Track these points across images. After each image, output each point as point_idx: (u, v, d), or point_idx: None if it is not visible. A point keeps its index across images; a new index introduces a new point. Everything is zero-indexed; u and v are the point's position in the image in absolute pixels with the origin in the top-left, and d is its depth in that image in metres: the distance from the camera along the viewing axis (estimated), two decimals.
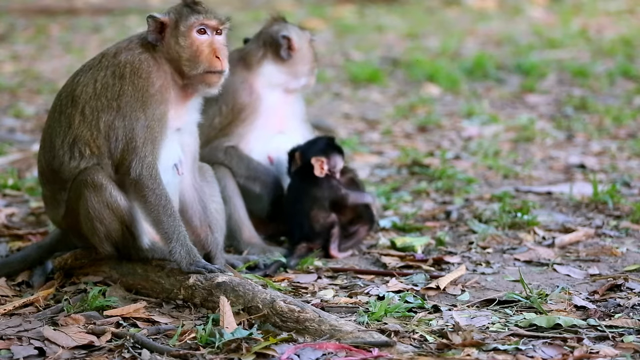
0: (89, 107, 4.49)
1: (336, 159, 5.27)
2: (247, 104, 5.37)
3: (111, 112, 4.46)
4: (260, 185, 5.38)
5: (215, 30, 4.56)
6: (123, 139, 4.43)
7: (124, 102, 4.45)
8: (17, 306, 4.39)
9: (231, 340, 3.86)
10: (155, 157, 4.44)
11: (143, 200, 4.43)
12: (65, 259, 4.79)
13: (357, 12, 16.99)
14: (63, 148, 4.53)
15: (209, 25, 4.54)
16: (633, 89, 10.14)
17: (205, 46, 4.52)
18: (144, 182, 4.40)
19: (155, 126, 4.43)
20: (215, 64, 4.52)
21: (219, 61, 4.52)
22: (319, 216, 5.18)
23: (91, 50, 12.52)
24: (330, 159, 5.25)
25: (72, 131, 4.51)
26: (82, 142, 4.49)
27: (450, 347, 3.85)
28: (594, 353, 3.78)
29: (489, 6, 17.27)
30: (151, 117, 4.43)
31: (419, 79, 10.86)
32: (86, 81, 4.53)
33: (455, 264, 5.02)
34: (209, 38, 4.55)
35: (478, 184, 6.65)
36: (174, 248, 4.41)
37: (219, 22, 4.57)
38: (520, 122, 8.71)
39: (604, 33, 14.08)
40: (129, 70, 4.47)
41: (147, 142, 4.42)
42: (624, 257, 5.10)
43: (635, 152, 7.56)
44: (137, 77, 4.46)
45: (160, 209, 4.41)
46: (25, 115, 9.14)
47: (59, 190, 4.61)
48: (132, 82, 4.46)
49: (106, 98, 4.48)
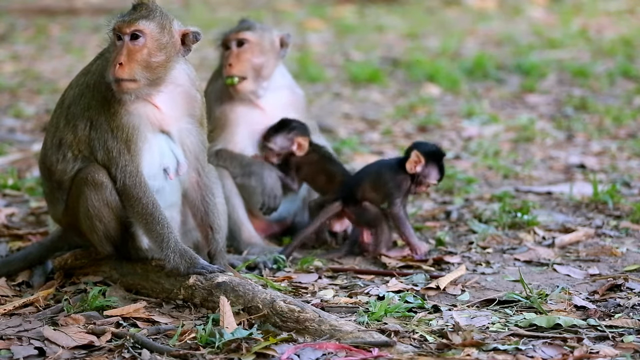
0: (70, 113, 4.52)
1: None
2: (222, 112, 5.37)
3: (84, 121, 4.45)
4: (255, 179, 5.37)
5: (127, 35, 4.32)
6: (100, 149, 4.40)
7: (92, 114, 4.42)
8: (17, 306, 4.39)
9: (231, 340, 3.86)
10: (137, 165, 4.39)
11: (131, 209, 4.42)
12: (65, 258, 4.79)
13: (357, 12, 16.99)
14: (52, 148, 4.56)
15: (120, 29, 4.32)
16: (633, 89, 10.13)
17: (114, 52, 4.32)
18: (129, 191, 4.38)
19: (125, 136, 4.35)
20: (111, 72, 4.28)
21: (112, 68, 4.28)
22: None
23: (91, 50, 12.50)
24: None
25: (59, 132, 4.54)
26: (66, 144, 4.50)
27: (450, 347, 3.85)
28: (594, 353, 3.78)
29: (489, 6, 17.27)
30: (118, 128, 4.36)
31: (419, 79, 10.86)
32: (74, 83, 4.56)
33: (455, 264, 5.02)
34: (122, 43, 4.32)
35: (478, 184, 6.65)
36: (167, 256, 4.38)
37: (124, 24, 4.29)
38: (520, 122, 8.71)
39: (604, 33, 14.08)
40: (94, 81, 4.45)
41: (123, 151, 4.36)
42: (624, 257, 5.10)
43: (635, 152, 7.55)
44: (97, 89, 4.42)
45: (148, 217, 4.38)
46: (25, 115, 9.14)
47: (56, 188, 4.62)
48: (93, 94, 4.42)
49: (80, 107, 4.48)
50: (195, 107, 4.60)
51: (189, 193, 4.68)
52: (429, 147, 5.26)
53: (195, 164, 4.65)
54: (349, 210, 5.18)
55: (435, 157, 5.18)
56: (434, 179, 5.19)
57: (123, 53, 4.28)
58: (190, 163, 4.63)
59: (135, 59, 4.30)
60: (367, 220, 5.15)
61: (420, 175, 5.15)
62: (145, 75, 4.33)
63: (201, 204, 4.69)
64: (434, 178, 5.18)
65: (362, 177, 5.22)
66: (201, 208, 4.69)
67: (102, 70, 4.44)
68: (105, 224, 4.48)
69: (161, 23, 4.37)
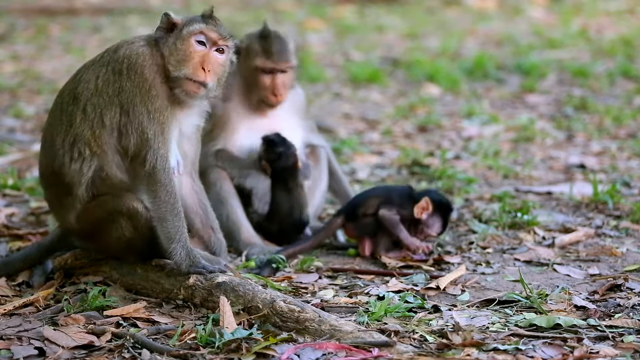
0: (90, 105, 4.48)
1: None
2: (224, 111, 5.37)
3: (114, 108, 4.44)
4: (250, 182, 5.38)
5: (216, 46, 4.49)
6: (134, 132, 4.41)
7: (124, 98, 4.43)
8: (17, 306, 4.38)
9: (231, 340, 3.86)
10: (167, 149, 4.43)
11: (153, 195, 4.41)
12: (65, 258, 4.79)
13: (357, 12, 16.99)
14: (64, 148, 4.51)
15: (209, 36, 4.48)
16: (633, 89, 10.14)
17: (196, 55, 4.46)
18: (157, 175, 4.38)
19: (160, 118, 4.41)
20: (198, 73, 4.44)
21: (202, 72, 4.44)
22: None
23: (91, 50, 12.52)
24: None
25: (73, 130, 4.49)
26: (83, 141, 4.47)
27: (450, 347, 3.85)
28: (594, 353, 3.77)
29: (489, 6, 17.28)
30: (153, 110, 4.41)
31: (419, 79, 10.86)
32: (88, 78, 4.52)
33: (455, 264, 5.02)
34: (205, 50, 4.48)
35: (478, 184, 6.65)
36: (174, 249, 4.40)
37: (219, 37, 4.49)
38: (520, 122, 8.71)
39: (604, 33, 14.09)
40: (126, 65, 4.45)
41: (158, 133, 4.40)
42: (624, 257, 5.10)
43: (635, 152, 7.56)
44: (132, 72, 4.44)
45: (169, 206, 4.39)
46: (25, 115, 9.14)
47: (64, 194, 4.55)
48: (129, 78, 4.44)
49: (107, 95, 4.46)
50: (203, 117, 4.69)
51: (187, 198, 4.70)
52: (440, 198, 5.29)
53: (190, 169, 4.69)
54: (350, 226, 5.19)
55: (443, 211, 5.21)
56: (434, 232, 5.22)
57: (211, 61, 4.47)
58: (187, 167, 4.66)
59: (216, 71, 4.50)
60: (367, 231, 5.15)
61: (422, 223, 5.17)
62: (214, 87, 4.52)
63: (199, 207, 4.72)
64: (435, 231, 5.22)
65: (369, 195, 5.26)
66: (200, 211, 4.72)
67: (135, 53, 4.46)
68: (138, 247, 4.52)
69: (232, 43, 4.59)
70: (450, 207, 5.30)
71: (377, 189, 5.34)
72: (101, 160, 4.46)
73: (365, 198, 5.22)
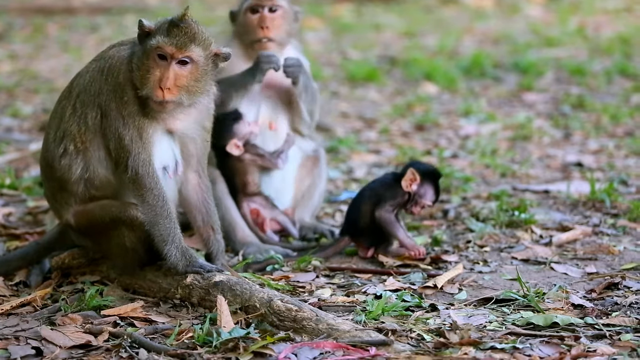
0: (79, 101, 4.46)
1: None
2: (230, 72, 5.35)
3: (95, 108, 4.41)
4: None
5: (176, 59, 4.29)
6: (113, 137, 4.37)
7: (102, 100, 4.39)
8: (15, 306, 4.38)
9: (228, 339, 3.86)
10: (149, 153, 4.36)
11: (141, 200, 4.39)
12: (62, 258, 4.79)
13: (355, 10, 16.99)
14: (55, 141, 4.51)
15: (167, 51, 4.28)
16: (630, 87, 10.14)
17: (157, 71, 4.29)
18: (141, 180, 4.36)
19: (136, 124, 4.34)
20: (157, 93, 4.27)
21: (160, 91, 4.26)
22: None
23: (89, 49, 12.52)
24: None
25: (63, 124, 4.49)
26: (69, 137, 4.46)
27: (447, 345, 3.85)
28: (591, 351, 3.78)
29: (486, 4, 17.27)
30: (127, 115, 4.34)
31: (416, 77, 10.86)
32: (84, 71, 4.52)
33: (452, 262, 5.02)
34: (165, 64, 4.29)
35: (475, 183, 6.65)
36: (169, 251, 4.39)
37: (178, 50, 4.25)
38: (517, 120, 8.72)
39: (602, 31, 14.09)
40: (107, 66, 4.42)
41: (135, 139, 4.34)
42: (621, 256, 5.10)
43: (632, 150, 7.56)
44: (110, 75, 4.39)
45: (158, 209, 4.37)
46: (23, 114, 9.13)
47: (59, 189, 4.56)
48: (106, 80, 4.39)
49: (90, 93, 4.43)
50: (206, 120, 4.61)
51: (191, 195, 4.67)
52: (426, 166, 5.26)
53: (197, 167, 4.65)
54: (359, 241, 5.16)
55: (431, 177, 5.17)
56: (429, 200, 5.17)
57: (170, 77, 4.28)
58: (192, 166, 4.62)
59: (181, 84, 4.31)
60: (378, 237, 5.13)
61: (416, 195, 5.15)
62: (186, 98, 4.35)
63: (203, 206, 4.69)
64: (429, 198, 5.17)
65: (359, 203, 5.18)
66: (203, 209, 4.69)
67: (117, 56, 4.41)
68: (139, 254, 4.50)
69: (206, 47, 4.36)
70: (437, 172, 5.25)
71: (363, 193, 5.22)
72: (86, 159, 4.46)
73: (358, 209, 5.16)
